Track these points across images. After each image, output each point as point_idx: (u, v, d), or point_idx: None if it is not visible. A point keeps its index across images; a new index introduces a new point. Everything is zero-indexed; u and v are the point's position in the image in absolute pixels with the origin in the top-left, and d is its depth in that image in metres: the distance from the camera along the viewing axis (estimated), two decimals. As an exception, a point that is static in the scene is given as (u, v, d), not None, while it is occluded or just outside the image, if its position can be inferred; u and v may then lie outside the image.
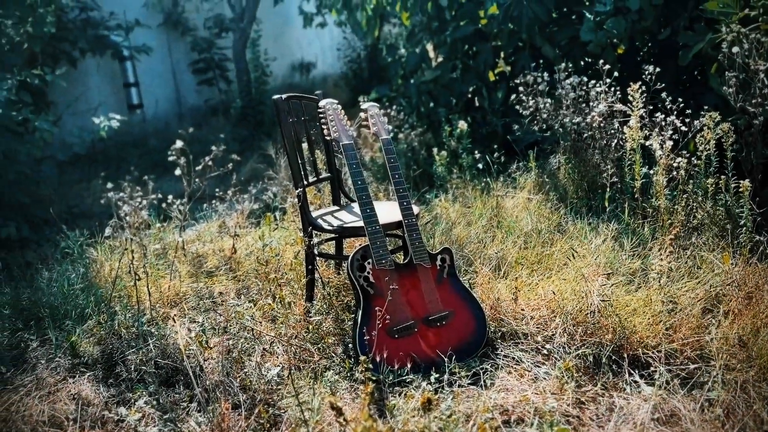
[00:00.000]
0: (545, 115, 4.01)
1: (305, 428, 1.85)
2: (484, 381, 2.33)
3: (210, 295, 3.27)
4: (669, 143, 3.23)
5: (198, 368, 2.47)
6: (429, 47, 5.89)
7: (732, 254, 2.91)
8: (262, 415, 1.97)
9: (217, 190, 4.27)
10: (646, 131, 3.40)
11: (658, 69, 3.49)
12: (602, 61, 3.73)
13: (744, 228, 2.96)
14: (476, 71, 5.29)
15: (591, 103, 3.74)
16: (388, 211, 2.81)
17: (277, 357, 2.58)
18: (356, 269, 2.50)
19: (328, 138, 2.74)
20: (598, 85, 3.71)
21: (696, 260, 2.93)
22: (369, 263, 2.51)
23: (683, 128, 3.29)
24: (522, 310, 2.69)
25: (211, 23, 8.11)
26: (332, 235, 3.10)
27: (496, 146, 4.57)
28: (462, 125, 4.52)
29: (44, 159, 4.99)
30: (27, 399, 2.38)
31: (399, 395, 2.26)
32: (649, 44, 4.70)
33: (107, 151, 6.56)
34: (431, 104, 5.57)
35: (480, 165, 4.51)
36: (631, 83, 3.33)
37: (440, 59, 5.76)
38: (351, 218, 2.85)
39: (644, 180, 3.42)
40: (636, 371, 2.32)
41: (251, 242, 3.78)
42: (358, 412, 1.86)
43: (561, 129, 3.94)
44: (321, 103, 2.76)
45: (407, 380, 2.32)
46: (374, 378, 2.17)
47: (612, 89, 3.68)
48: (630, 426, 2.06)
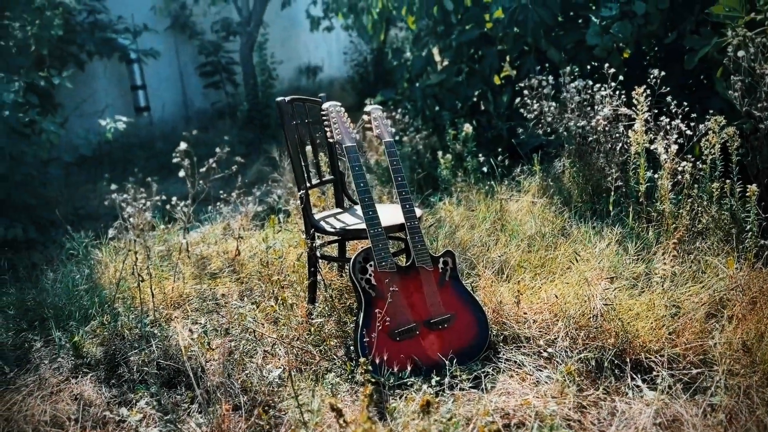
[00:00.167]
0: (550, 119, 4.00)
1: (305, 430, 1.85)
2: (486, 384, 2.32)
3: (213, 297, 3.28)
4: (674, 147, 3.22)
5: (200, 369, 2.47)
6: (435, 51, 5.89)
7: (737, 259, 2.89)
8: (262, 417, 1.97)
9: (221, 192, 4.28)
10: (651, 135, 3.38)
11: (664, 73, 3.48)
12: (607, 65, 3.72)
13: (750, 233, 2.94)
14: (481, 75, 5.28)
15: (596, 107, 3.73)
16: (391, 214, 2.81)
17: (279, 359, 2.58)
18: (358, 271, 2.49)
19: (331, 140, 2.74)
20: (603, 89, 3.70)
21: (701, 265, 2.92)
22: (371, 265, 2.51)
23: (688, 132, 3.28)
24: (524, 314, 2.69)
25: (219, 27, 8.14)
26: (335, 238, 3.10)
27: (501, 150, 4.56)
28: (467, 128, 4.51)
29: (51, 161, 5.01)
30: (29, 399, 2.39)
31: (400, 398, 2.25)
32: (656, 48, 4.69)
33: (114, 154, 6.59)
34: (436, 108, 5.57)
35: (485, 168, 4.50)
36: (636, 87, 3.32)
37: (445, 63, 5.76)
38: (353, 220, 2.85)
39: (649, 184, 3.41)
40: (638, 376, 2.31)
41: (255, 244, 3.78)
42: (358, 414, 1.85)
43: (565, 132, 3.93)
44: (324, 106, 2.77)
45: (408, 383, 2.32)
46: (374, 380, 2.17)
47: (617, 93, 3.67)
48: (632, 431, 2.04)
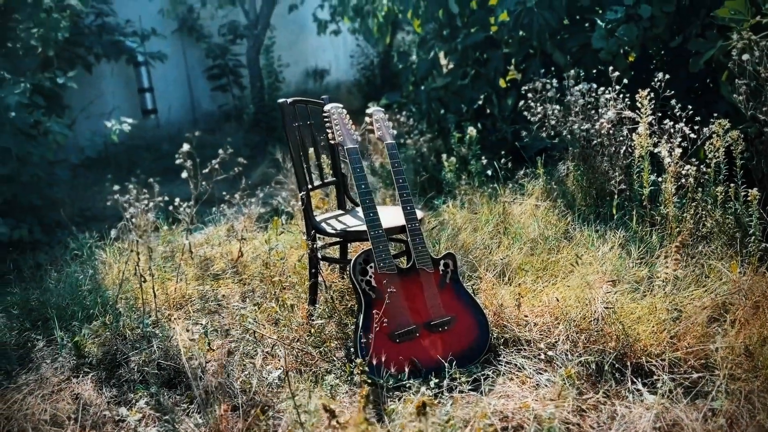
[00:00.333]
0: (553, 122, 3.99)
1: (301, 431, 1.85)
2: (485, 387, 2.31)
3: (215, 298, 3.28)
4: (678, 151, 3.20)
5: (200, 370, 2.47)
6: (440, 54, 5.90)
7: (740, 263, 2.87)
8: (260, 417, 1.97)
9: (224, 194, 4.28)
10: (655, 138, 3.37)
11: (669, 76, 3.47)
12: (611, 68, 3.70)
13: (753, 237, 2.92)
14: (487, 78, 5.28)
15: (600, 110, 3.72)
16: (392, 216, 2.81)
17: (279, 360, 2.58)
18: (358, 273, 2.49)
19: (333, 142, 2.74)
20: (608, 92, 3.69)
21: (704, 269, 2.90)
22: (371, 267, 2.50)
23: (692, 135, 3.26)
24: (525, 317, 2.68)
25: (226, 30, 8.18)
26: (336, 239, 3.10)
27: (504, 153, 4.56)
28: (471, 131, 4.51)
29: (58, 162, 5.04)
30: (30, 398, 2.40)
31: (398, 400, 2.25)
32: (662, 52, 4.67)
33: (120, 156, 6.62)
34: (441, 111, 5.57)
35: (489, 171, 4.49)
36: (640, 90, 3.31)
37: (451, 66, 5.76)
38: (355, 222, 2.85)
39: (653, 188, 3.39)
40: (639, 379, 2.29)
41: (258, 246, 3.79)
42: (355, 416, 1.85)
43: (569, 136, 3.92)
44: (326, 108, 2.77)
45: (407, 385, 2.31)
46: (370, 381, 2.17)
47: (621, 96, 3.65)
48: (631, 434, 2.03)
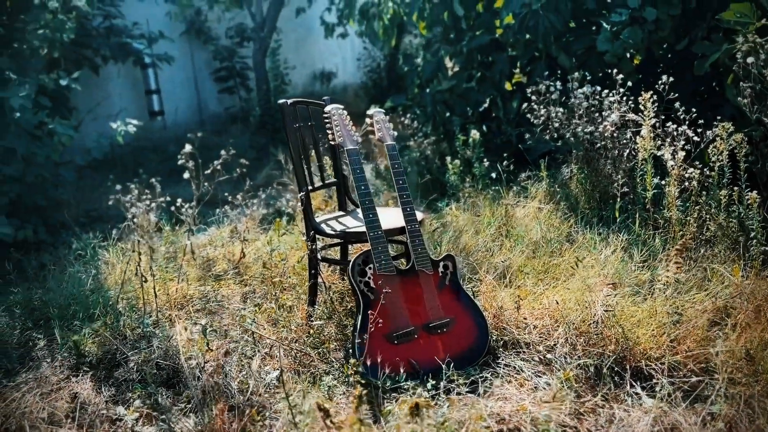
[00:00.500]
0: (557, 125, 3.97)
1: (296, 431, 1.85)
2: (483, 389, 2.30)
3: (216, 299, 3.29)
4: (681, 154, 3.18)
5: (198, 370, 2.47)
6: (445, 57, 5.89)
7: (743, 267, 2.84)
8: (254, 417, 1.97)
9: (227, 194, 4.29)
10: (659, 141, 3.35)
11: (675, 79, 3.44)
12: (615, 71, 3.69)
13: (755, 240, 2.89)
14: (492, 81, 5.26)
15: (604, 113, 3.70)
16: (392, 217, 2.80)
17: (277, 361, 2.58)
18: (357, 274, 2.49)
19: (333, 143, 2.74)
20: (612, 95, 3.67)
21: (707, 272, 2.87)
22: (370, 268, 2.50)
23: (696, 138, 3.24)
24: (525, 319, 2.66)
25: (233, 32, 8.20)
26: (337, 240, 3.10)
27: (506, 155, 4.54)
28: (474, 134, 4.50)
29: (63, 163, 5.06)
30: (28, 396, 2.41)
31: (396, 401, 2.24)
32: (669, 55, 4.64)
33: (127, 157, 6.65)
34: (447, 114, 5.56)
35: (493, 174, 4.48)
36: (643, 92, 3.29)
37: (456, 69, 5.75)
38: (355, 223, 2.84)
39: (656, 191, 3.37)
40: (638, 383, 2.27)
41: (260, 247, 3.79)
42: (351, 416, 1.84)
43: (573, 138, 3.90)
44: (326, 109, 2.77)
45: (405, 387, 2.30)
46: (365, 382, 2.16)
47: (625, 99, 3.63)
48: (628, 438, 2.02)
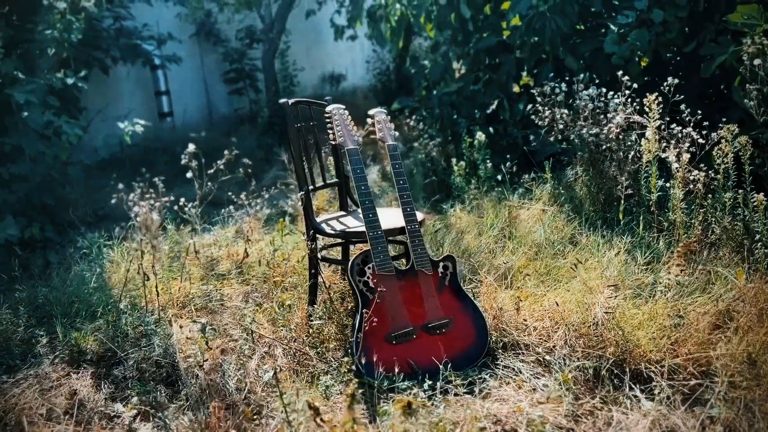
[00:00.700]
0: (562, 126, 3.95)
1: (289, 429, 1.85)
2: (480, 390, 2.29)
3: (219, 298, 3.29)
4: (686, 156, 3.16)
5: (196, 368, 2.48)
6: (453, 59, 5.89)
7: (747, 270, 2.81)
8: (248, 415, 1.97)
9: (230, 194, 4.29)
10: (664, 143, 3.32)
11: (683, 82, 3.41)
12: (621, 73, 3.66)
13: (760, 243, 2.86)
14: (499, 83, 5.25)
15: (609, 115, 3.68)
16: (393, 217, 2.80)
17: (276, 360, 2.58)
18: (356, 274, 2.49)
19: (333, 142, 2.75)
20: (617, 97, 3.65)
21: (711, 275, 2.85)
22: (369, 268, 2.50)
23: (700, 141, 3.21)
24: (524, 321, 2.65)
25: (243, 34, 8.24)
26: (339, 240, 3.10)
27: (510, 157, 4.53)
28: (480, 136, 4.48)
29: (72, 163, 5.10)
30: (28, 392, 2.42)
31: (393, 402, 2.23)
32: (677, 58, 4.61)
33: (136, 157, 6.69)
34: (454, 116, 5.55)
35: (499, 177, 4.47)
36: (647, 94, 3.27)
37: (463, 71, 5.75)
38: (355, 223, 2.84)
39: (660, 193, 3.34)
40: (637, 386, 2.25)
41: (264, 247, 3.80)
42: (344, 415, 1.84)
43: (578, 140, 3.88)
44: (327, 108, 2.78)
45: (402, 387, 2.30)
46: (359, 381, 2.16)
47: (631, 101, 3.61)
48: (626, 441, 2.00)
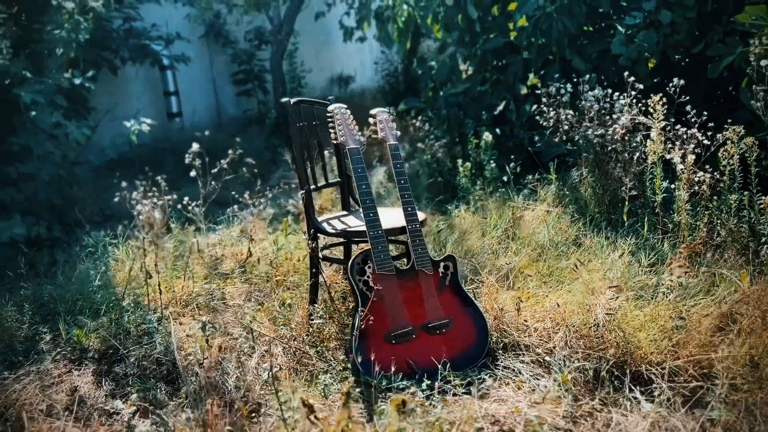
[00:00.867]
0: (567, 127, 3.93)
1: (285, 427, 1.85)
2: (479, 391, 2.28)
3: (222, 297, 3.30)
4: (691, 157, 3.13)
5: (196, 366, 2.48)
6: (459, 60, 5.88)
7: (752, 272, 2.78)
8: (244, 413, 1.97)
9: (234, 193, 4.30)
10: (669, 145, 3.30)
11: (691, 83, 3.38)
12: (627, 73, 3.64)
13: (766, 245, 2.83)
14: (506, 84, 5.24)
15: (614, 116, 3.66)
16: (394, 217, 2.79)
17: (276, 358, 2.58)
18: (356, 273, 2.48)
19: (335, 142, 2.75)
20: (622, 98, 3.62)
21: (715, 277, 2.82)
22: (369, 267, 2.49)
23: (706, 142, 3.18)
24: (525, 322, 2.64)
25: (252, 35, 8.27)
26: (341, 240, 3.10)
27: (515, 157, 4.51)
28: (486, 137, 4.47)
29: (80, 162, 5.14)
30: (29, 388, 2.44)
31: (389, 401, 2.22)
32: (686, 59, 4.58)
33: (145, 157, 6.73)
34: (461, 116, 5.54)
35: (505, 177, 4.45)
36: (652, 95, 3.25)
37: (470, 72, 5.73)
38: (357, 222, 2.84)
39: (665, 195, 3.32)
40: (637, 387, 2.23)
41: (267, 246, 3.80)
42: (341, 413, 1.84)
43: (582, 141, 3.86)
44: (329, 108, 2.78)
45: (401, 386, 2.29)
46: (353, 378, 2.15)
47: (636, 102, 3.58)
48: (624, 443, 1.98)
